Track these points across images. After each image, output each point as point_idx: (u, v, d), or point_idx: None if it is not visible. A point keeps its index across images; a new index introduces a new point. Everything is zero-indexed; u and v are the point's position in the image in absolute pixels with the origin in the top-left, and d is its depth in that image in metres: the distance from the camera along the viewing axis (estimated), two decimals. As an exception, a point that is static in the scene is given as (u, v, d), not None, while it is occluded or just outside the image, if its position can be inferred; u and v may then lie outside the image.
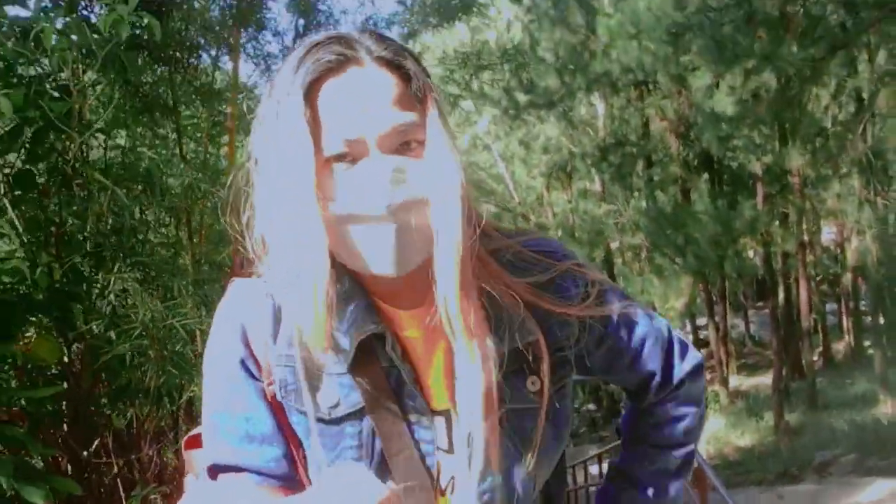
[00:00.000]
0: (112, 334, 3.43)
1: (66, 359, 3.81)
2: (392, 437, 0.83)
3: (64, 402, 4.04)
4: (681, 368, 1.01)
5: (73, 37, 3.40)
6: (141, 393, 4.06)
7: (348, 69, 0.79)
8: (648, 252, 15.53)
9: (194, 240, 4.93)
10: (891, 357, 11.37)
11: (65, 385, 3.93)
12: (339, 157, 0.79)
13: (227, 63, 5.49)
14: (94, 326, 3.48)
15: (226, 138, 5.49)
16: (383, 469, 0.83)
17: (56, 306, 3.65)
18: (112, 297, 3.42)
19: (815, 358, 21.17)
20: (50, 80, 3.83)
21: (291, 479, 0.86)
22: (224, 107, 5.09)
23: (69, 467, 4.05)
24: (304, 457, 0.87)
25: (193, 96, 4.85)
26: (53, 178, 3.78)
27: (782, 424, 11.73)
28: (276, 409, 0.86)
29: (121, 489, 5.03)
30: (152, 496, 6.26)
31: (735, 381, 20.46)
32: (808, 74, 9.35)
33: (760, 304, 28.63)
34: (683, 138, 15.51)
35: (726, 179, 15.66)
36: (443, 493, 0.86)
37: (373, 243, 0.79)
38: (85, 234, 3.83)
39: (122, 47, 3.50)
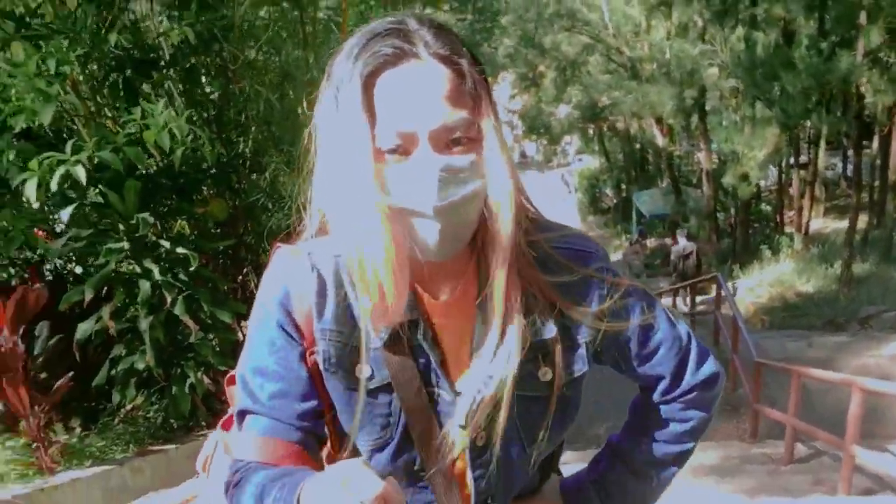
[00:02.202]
0: (269, 204, 4.56)
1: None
2: (414, 412, 0.90)
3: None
4: (693, 377, 1.03)
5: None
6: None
7: (405, 63, 0.81)
8: (741, 97, 15.37)
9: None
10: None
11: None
12: (392, 149, 0.82)
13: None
14: (255, 195, 4.60)
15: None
16: (407, 438, 0.92)
17: (223, 177, 4.78)
18: (268, 174, 4.49)
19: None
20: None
21: (317, 435, 0.93)
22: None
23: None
24: (336, 419, 0.94)
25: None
26: (216, 75, 4.78)
27: (846, 275, 12.26)
28: (314, 374, 0.92)
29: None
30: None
31: (819, 224, 20.39)
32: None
33: (865, 142, 27.53)
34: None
35: (832, 19, 14.87)
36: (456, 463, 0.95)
37: (420, 234, 0.84)
38: (241, 118, 4.88)
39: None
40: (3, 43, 4.02)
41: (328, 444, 0.97)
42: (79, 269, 4.99)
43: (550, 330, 0.92)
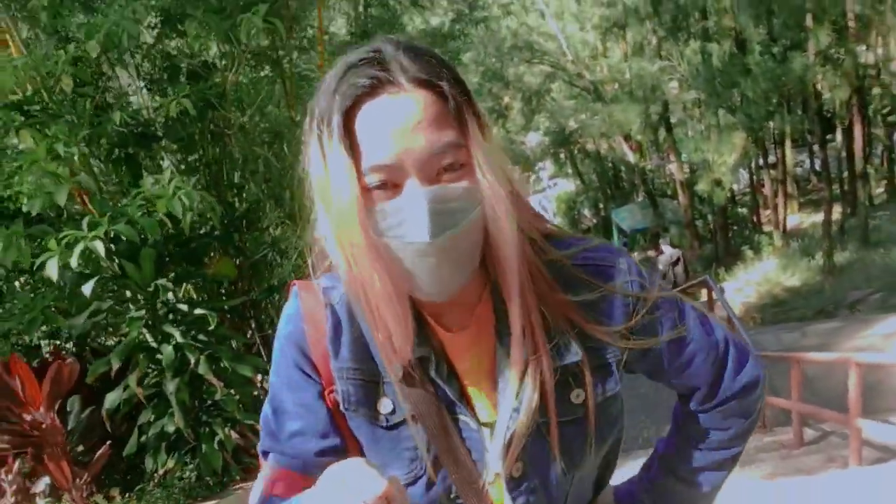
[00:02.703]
0: (277, 258, 4.75)
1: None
2: (440, 443, 0.87)
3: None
4: (731, 385, 0.99)
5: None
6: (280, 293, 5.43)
7: (383, 93, 0.78)
8: (703, 108, 15.87)
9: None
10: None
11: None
12: (381, 184, 0.79)
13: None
14: (260, 251, 4.79)
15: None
16: (437, 469, 0.89)
17: (227, 237, 4.97)
18: (271, 230, 4.69)
19: (881, 190, 21.42)
20: (195, 60, 4.96)
21: None
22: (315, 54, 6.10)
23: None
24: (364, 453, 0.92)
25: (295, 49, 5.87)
26: (212, 140, 5.00)
27: (828, 264, 12.59)
28: (335, 412, 0.90)
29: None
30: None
31: (796, 219, 20.90)
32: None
33: (829, 137, 28.29)
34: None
35: (780, 25, 15.50)
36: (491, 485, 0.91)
37: (417, 270, 0.80)
38: (237, 179, 5.09)
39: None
40: (11, 131, 4.22)
41: None
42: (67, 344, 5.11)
43: (576, 352, 0.88)
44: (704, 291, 9.56)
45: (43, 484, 3.30)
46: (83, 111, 4.42)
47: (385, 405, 0.88)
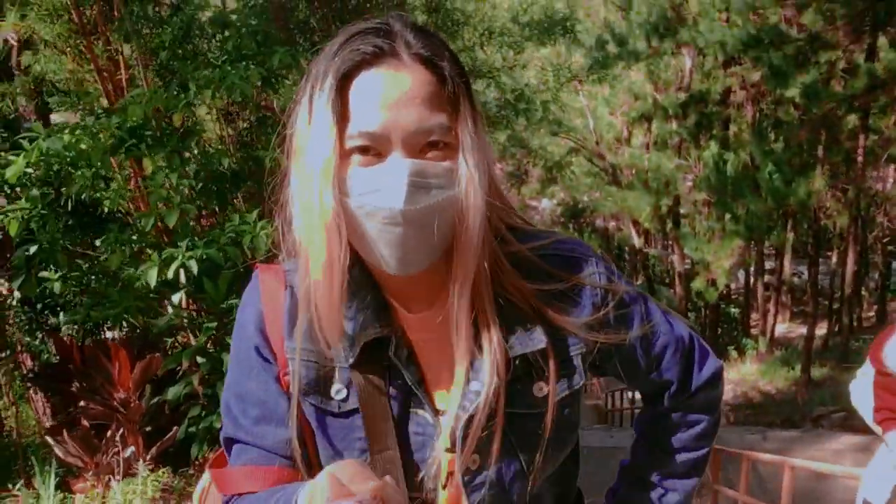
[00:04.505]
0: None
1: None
2: (377, 436, 0.85)
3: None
4: (699, 377, 0.99)
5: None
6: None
7: (383, 62, 0.78)
8: (710, 209, 16.82)
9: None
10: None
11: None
12: (363, 150, 0.78)
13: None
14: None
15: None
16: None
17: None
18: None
19: (872, 314, 22.23)
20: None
21: (302, 462, 0.88)
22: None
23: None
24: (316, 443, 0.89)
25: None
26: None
27: (803, 378, 13.36)
28: (290, 396, 0.88)
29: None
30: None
31: (785, 328, 21.69)
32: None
33: (829, 253, 29.16)
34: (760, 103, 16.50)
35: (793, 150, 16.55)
36: (444, 487, 0.88)
37: (383, 242, 0.79)
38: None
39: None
40: (137, 158, 5.10)
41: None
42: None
43: (540, 341, 0.88)
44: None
45: (129, 451, 4.07)
46: (190, 146, 5.31)
47: (338, 391, 0.87)
